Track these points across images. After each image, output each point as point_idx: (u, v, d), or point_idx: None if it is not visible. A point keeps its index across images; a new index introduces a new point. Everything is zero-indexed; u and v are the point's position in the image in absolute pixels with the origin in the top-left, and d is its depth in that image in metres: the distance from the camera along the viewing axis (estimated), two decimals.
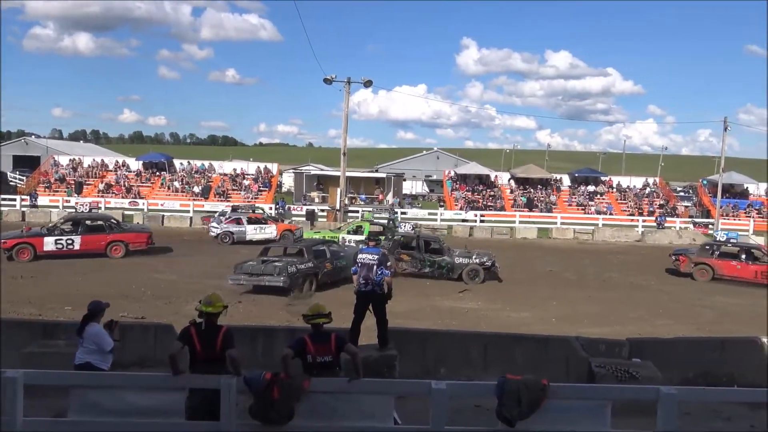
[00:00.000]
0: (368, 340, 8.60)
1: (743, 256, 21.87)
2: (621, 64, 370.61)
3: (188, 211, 36.52)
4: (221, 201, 39.61)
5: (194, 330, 5.59)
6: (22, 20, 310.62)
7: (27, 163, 53.93)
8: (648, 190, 44.01)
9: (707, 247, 23.05)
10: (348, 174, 37.53)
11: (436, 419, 5.12)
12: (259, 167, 44.79)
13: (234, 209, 32.27)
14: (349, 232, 25.25)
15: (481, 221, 37.38)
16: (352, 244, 21.96)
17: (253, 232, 27.38)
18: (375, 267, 8.37)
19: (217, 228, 27.97)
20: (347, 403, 5.28)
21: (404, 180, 52.94)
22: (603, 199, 42.45)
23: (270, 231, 27.64)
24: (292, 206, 39.27)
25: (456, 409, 5.86)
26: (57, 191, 39.91)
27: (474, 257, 19.95)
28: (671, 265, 22.73)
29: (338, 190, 36.35)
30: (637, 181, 45.51)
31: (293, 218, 35.53)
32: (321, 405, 5.26)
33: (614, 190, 43.93)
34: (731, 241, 23.37)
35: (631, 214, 40.06)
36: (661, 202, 42.04)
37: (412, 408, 6.22)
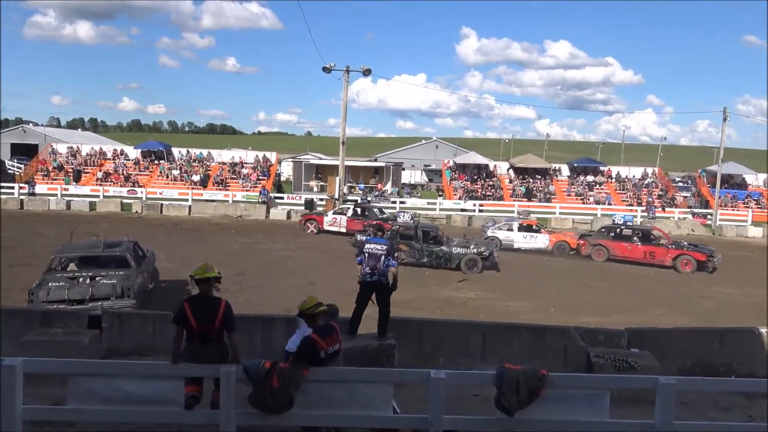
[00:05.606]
0: (367, 329, 8.61)
1: (635, 239, 22.81)
2: (621, 53, 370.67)
3: (187, 200, 36.47)
4: (220, 189, 39.56)
5: (187, 306, 5.42)
6: (23, 8, 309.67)
7: (25, 151, 53.71)
8: (647, 180, 43.98)
9: (603, 230, 24.13)
10: (347, 163, 37.46)
11: (435, 408, 5.13)
12: (257, 156, 44.57)
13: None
14: None
15: (480, 211, 37.34)
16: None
17: (522, 240, 24.10)
18: (383, 257, 8.33)
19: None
20: (346, 391, 5.29)
21: (403, 169, 52.81)
22: (602, 189, 42.40)
23: (542, 241, 24.20)
24: (290, 195, 39.16)
25: (454, 398, 5.87)
26: (55, 179, 39.78)
27: (472, 247, 19.98)
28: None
29: (337, 179, 36.30)
30: (636, 171, 45.44)
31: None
32: (320, 394, 5.27)
33: (613, 180, 43.87)
34: (627, 224, 24.78)
35: (629, 204, 40.09)
36: (660, 192, 42.03)
37: (411, 397, 6.24)
